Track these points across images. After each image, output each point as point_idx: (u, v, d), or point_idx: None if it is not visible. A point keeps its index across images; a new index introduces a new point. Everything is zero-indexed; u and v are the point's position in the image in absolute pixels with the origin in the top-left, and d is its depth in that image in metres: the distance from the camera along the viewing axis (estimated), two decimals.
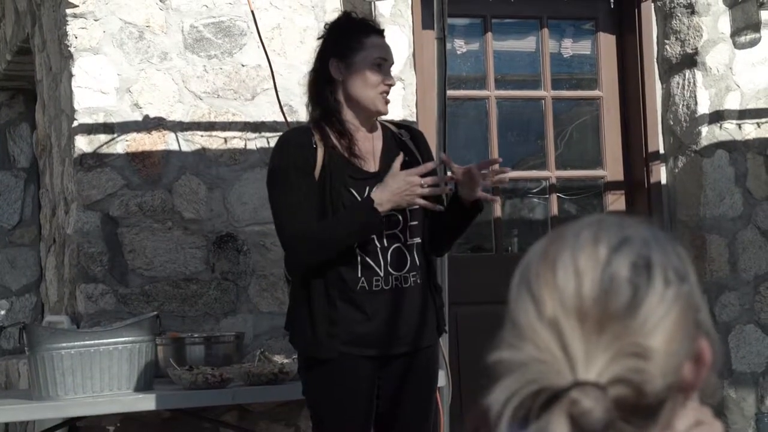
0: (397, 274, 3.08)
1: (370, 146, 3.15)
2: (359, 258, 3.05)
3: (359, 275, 3.04)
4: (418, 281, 3.12)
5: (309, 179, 3.04)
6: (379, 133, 3.19)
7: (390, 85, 3.13)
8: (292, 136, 3.17)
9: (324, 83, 3.13)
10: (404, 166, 3.09)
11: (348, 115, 3.12)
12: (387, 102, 3.14)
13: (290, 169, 3.06)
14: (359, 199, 3.04)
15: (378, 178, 3.07)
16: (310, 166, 3.04)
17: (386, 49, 3.16)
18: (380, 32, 3.19)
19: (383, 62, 3.12)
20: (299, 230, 3.02)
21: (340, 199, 3.04)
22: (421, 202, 3.03)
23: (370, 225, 3.02)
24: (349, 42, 3.11)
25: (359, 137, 3.13)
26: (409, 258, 3.10)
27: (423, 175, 3.05)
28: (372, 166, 3.13)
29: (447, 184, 3.14)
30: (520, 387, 0.97)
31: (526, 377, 0.97)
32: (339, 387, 3.06)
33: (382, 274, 3.06)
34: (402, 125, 3.36)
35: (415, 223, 3.13)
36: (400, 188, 3.00)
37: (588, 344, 0.98)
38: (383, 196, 3.00)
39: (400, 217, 3.09)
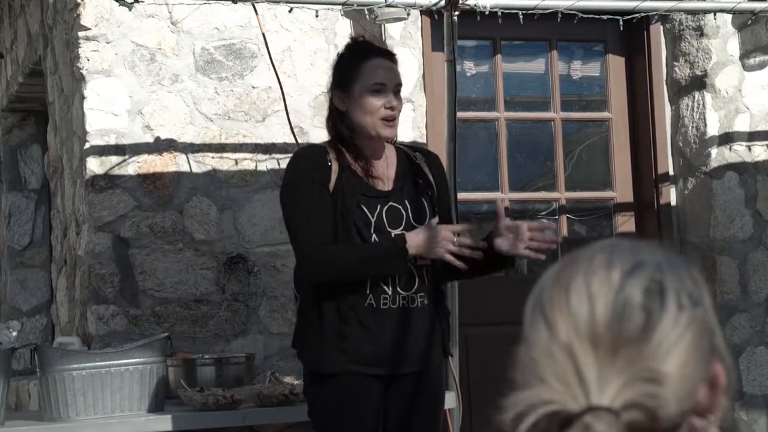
0: (405, 293, 3.08)
1: (384, 169, 3.17)
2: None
3: (367, 292, 3.05)
4: (425, 302, 3.12)
5: (324, 193, 3.05)
6: (393, 157, 3.20)
7: (391, 108, 3.09)
8: (306, 153, 3.23)
9: (333, 115, 3.17)
10: (417, 186, 3.14)
11: (359, 142, 3.14)
12: (390, 126, 3.10)
13: (305, 183, 3.07)
14: (370, 217, 3.06)
15: (390, 197, 3.09)
16: (325, 180, 3.07)
17: (386, 72, 3.11)
18: (383, 53, 3.18)
19: (381, 87, 3.09)
20: (316, 246, 3.03)
21: (351, 216, 3.05)
22: (449, 258, 3.01)
23: (396, 263, 3.03)
24: (349, 71, 3.13)
25: (373, 161, 3.16)
26: (417, 279, 3.11)
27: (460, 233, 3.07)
28: (386, 186, 3.15)
29: (479, 248, 3.07)
30: (535, 406, 0.97)
31: (541, 397, 0.98)
32: (344, 404, 3.06)
33: (390, 293, 3.06)
34: (417, 148, 3.38)
35: None
36: (433, 238, 3.01)
37: (601, 369, 0.98)
38: (415, 240, 3.02)
39: None
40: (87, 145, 4.45)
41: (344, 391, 3.06)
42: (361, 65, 3.11)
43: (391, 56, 3.20)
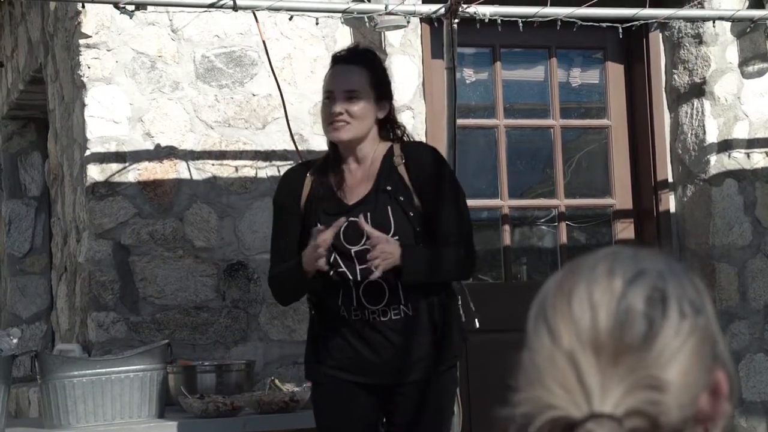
0: (373, 308, 3.08)
1: (363, 175, 3.16)
2: (340, 288, 3.10)
3: (339, 303, 3.10)
4: (403, 315, 3.09)
5: (292, 218, 3.17)
6: (377, 159, 3.17)
7: (334, 113, 3.11)
8: (286, 174, 3.36)
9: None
10: (386, 193, 3.10)
11: (340, 149, 3.20)
12: (336, 129, 3.12)
13: (276, 207, 3.27)
14: None
15: (352, 211, 3.09)
16: (294, 203, 3.17)
17: (334, 80, 3.16)
18: (343, 59, 3.21)
19: (330, 94, 3.15)
20: (270, 275, 3.24)
21: (312, 235, 3.07)
22: (321, 264, 2.99)
23: (301, 281, 3.09)
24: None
25: (352, 167, 3.17)
26: (388, 292, 3.07)
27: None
28: (352, 199, 3.14)
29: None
30: (539, 409, 0.98)
31: (544, 402, 0.98)
32: (331, 409, 3.16)
33: (355, 305, 3.09)
34: (409, 146, 3.26)
35: None
36: (307, 253, 3.03)
37: (603, 376, 0.99)
38: (305, 251, 3.06)
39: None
40: (87, 153, 4.46)
41: (329, 396, 3.15)
42: (326, 75, 3.23)
43: (354, 62, 3.19)
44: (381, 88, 3.18)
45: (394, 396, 3.13)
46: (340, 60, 3.21)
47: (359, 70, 3.16)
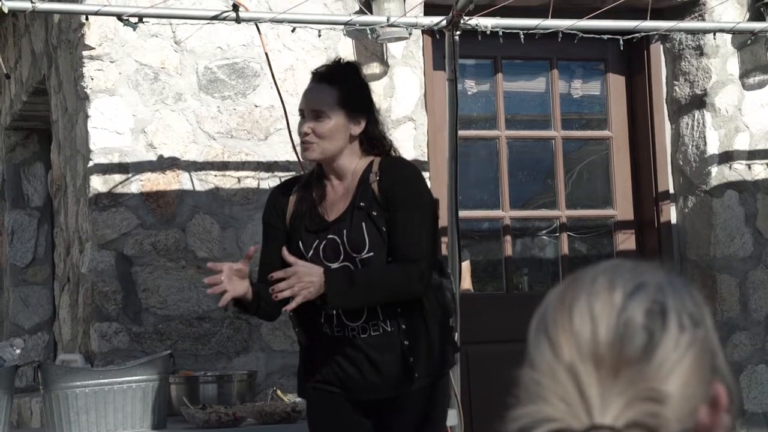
0: (353, 324, 3.09)
1: (344, 191, 3.16)
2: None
3: (322, 320, 3.12)
4: (382, 332, 3.09)
5: (277, 236, 3.18)
6: (356, 177, 3.15)
7: (302, 133, 3.13)
8: (275, 190, 3.36)
9: None
10: (361, 210, 3.09)
11: (324, 166, 3.20)
12: (306, 148, 3.13)
13: (264, 225, 3.28)
14: (305, 253, 3.09)
15: (330, 229, 3.10)
16: (279, 221, 3.19)
17: (305, 99, 3.17)
18: (313, 78, 3.21)
19: (301, 112, 3.17)
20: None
21: (293, 252, 3.08)
22: (226, 299, 3.00)
23: (273, 305, 3.08)
24: None
25: (334, 183, 3.17)
26: (366, 309, 3.06)
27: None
28: (331, 216, 3.14)
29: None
30: (539, 422, 0.99)
31: (544, 414, 0.99)
32: (320, 422, 3.20)
33: (335, 322, 3.11)
34: (386, 161, 3.19)
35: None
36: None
37: (604, 389, 1.00)
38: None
39: (352, 268, 3.06)
40: (90, 164, 4.47)
41: (320, 410, 3.18)
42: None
43: (325, 79, 3.17)
44: (353, 105, 3.13)
45: (380, 411, 3.15)
46: (313, 78, 3.22)
47: (328, 89, 3.13)
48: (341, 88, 3.14)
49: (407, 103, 4.82)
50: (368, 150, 3.17)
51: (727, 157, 5.15)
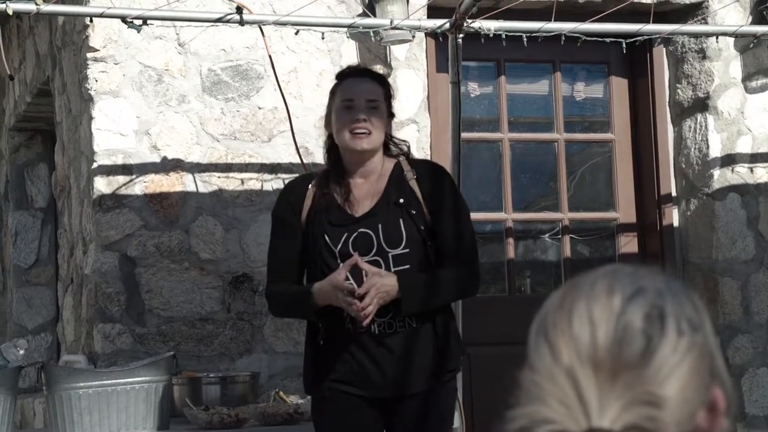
0: (380, 320, 3.07)
1: (367, 190, 3.16)
2: None
3: (345, 315, 3.08)
4: (408, 328, 3.10)
5: (292, 232, 3.16)
6: (384, 174, 3.18)
7: (358, 120, 3.10)
8: (290, 185, 3.35)
9: (328, 139, 3.27)
10: (399, 206, 3.11)
11: (345, 161, 3.19)
12: (359, 137, 3.11)
13: (275, 220, 3.25)
14: (333, 247, 3.08)
15: (362, 222, 3.10)
16: (295, 217, 3.16)
17: (355, 89, 3.15)
18: (359, 73, 3.24)
19: (350, 102, 3.13)
20: (269, 285, 3.24)
21: (317, 245, 3.09)
22: (350, 310, 3.00)
23: (306, 310, 3.10)
24: (331, 93, 3.24)
25: (357, 182, 3.17)
26: (393, 305, 3.06)
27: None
28: (360, 211, 3.14)
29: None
30: (537, 423, 1.00)
31: (542, 416, 1.00)
32: (332, 422, 3.15)
33: None
34: (418, 162, 3.32)
35: (402, 268, 3.10)
36: (328, 288, 3.03)
37: (602, 392, 1.01)
38: (318, 287, 3.06)
39: (382, 263, 3.09)
40: (94, 165, 4.49)
41: (332, 411, 3.14)
42: (339, 86, 3.21)
43: (367, 75, 3.24)
44: (390, 104, 3.23)
45: (395, 409, 3.14)
46: (354, 72, 3.24)
47: (374, 83, 3.20)
48: (384, 84, 3.23)
49: (410, 106, 4.83)
50: (386, 150, 3.22)
51: (729, 160, 5.16)
